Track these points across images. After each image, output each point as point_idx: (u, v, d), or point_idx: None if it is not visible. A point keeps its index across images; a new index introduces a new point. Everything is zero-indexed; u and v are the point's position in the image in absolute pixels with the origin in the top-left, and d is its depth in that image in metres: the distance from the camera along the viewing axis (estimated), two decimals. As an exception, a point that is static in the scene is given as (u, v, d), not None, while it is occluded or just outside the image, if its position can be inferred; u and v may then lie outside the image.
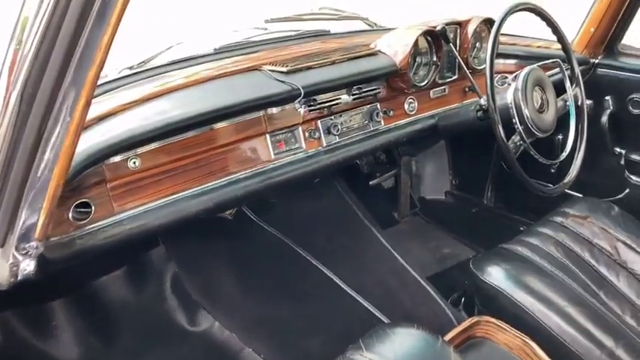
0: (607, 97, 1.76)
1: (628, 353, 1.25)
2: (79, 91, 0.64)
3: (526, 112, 1.33)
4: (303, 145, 1.27)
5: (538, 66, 1.45)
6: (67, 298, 1.46)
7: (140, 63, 1.35)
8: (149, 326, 1.51)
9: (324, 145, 1.30)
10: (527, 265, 1.45)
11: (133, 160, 1.03)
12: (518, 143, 1.34)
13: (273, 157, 1.21)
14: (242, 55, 1.39)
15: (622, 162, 1.81)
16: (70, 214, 0.96)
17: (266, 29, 1.53)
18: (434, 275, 1.92)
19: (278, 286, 1.55)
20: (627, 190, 1.81)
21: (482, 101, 1.43)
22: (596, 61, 1.77)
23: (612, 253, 1.57)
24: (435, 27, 1.46)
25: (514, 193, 2.21)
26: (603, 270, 1.52)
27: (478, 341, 1.38)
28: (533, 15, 1.45)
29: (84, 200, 0.98)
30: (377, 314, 1.49)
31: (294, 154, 1.25)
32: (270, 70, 1.24)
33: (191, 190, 1.09)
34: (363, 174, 1.94)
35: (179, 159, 1.08)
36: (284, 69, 1.23)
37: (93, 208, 0.98)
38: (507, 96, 1.32)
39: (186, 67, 1.31)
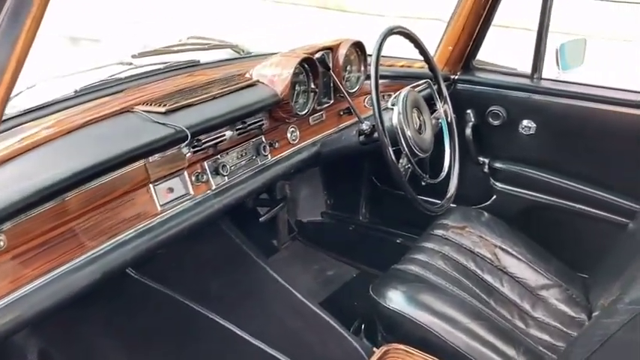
0: (468, 111, 1.87)
1: (527, 357, 1.31)
2: None
3: (409, 133, 1.34)
4: (191, 190, 1.14)
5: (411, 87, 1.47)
6: None
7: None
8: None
9: (214, 187, 1.19)
10: (424, 285, 1.47)
11: None
12: (406, 166, 1.35)
13: (159, 209, 1.07)
14: (108, 95, 1.21)
15: (486, 170, 1.92)
16: None
17: (131, 64, 1.36)
18: (324, 301, 1.88)
19: (172, 351, 1.39)
20: (494, 197, 1.93)
21: (364, 126, 1.43)
22: (456, 77, 1.87)
23: (493, 260, 1.65)
24: (311, 54, 1.42)
25: (387, 207, 2.26)
26: (488, 278, 1.59)
27: (388, 370, 1.35)
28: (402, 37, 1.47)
29: None
30: (285, 360, 1.41)
31: (182, 202, 1.11)
32: (145, 112, 1.09)
33: (71, 263, 0.91)
34: (245, 208, 1.84)
35: (53, 228, 0.90)
36: (162, 109, 1.09)
37: None
38: (393, 119, 1.32)
39: (44, 116, 1.11)
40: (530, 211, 1.88)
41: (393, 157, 1.27)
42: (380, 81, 1.79)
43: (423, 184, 1.40)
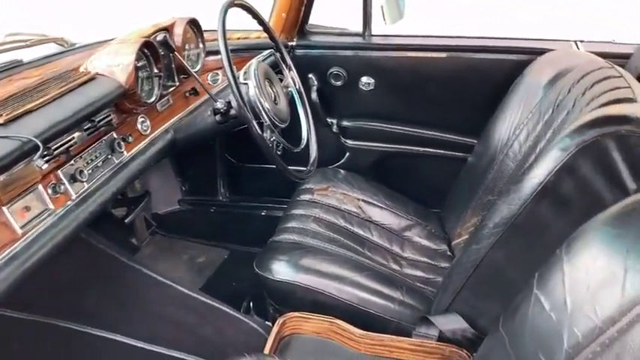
0: (310, 75, 1.90)
1: (410, 296, 1.42)
2: None
3: (267, 105, 1.34)
4: (50, 204, 1.01)
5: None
6: None
7: None
8: None
9: (74, 197, 1.07)
10: (304, 250, 1.50)
11: None
12: (271, 138, 1.34)
13: (20, 232, 0.94)
14: None
15: (335, 130, 2.00)
16: None
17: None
18: (203, 289, 1.83)
19: None
20: (347, 154, 2.02)
21: (219, 104, 1.38)
22: (294, 43, 1.89)
23: (359, 213, 1.74)
24: (148, 37, 1.33)
25: (246, 183, 2.25)
26: (358, 230, 1.67)
27: (287, 340, 1.38)
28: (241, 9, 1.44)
29: None
30: (188, 358, 1.34)
31: (44, 219, 0.99)
32: None
33: None
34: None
35: None
36: (-1, 120, 0.94)
37: None
38: (249, 93, 1.30)
39: None
40: (381, 161, 2.00)
41: (260, 132, 1.25)
42: (219, 56, 1.76)
43: (295, 150, 1.41)
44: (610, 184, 0.95)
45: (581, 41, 1.75)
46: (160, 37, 1.36)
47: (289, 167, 1.37)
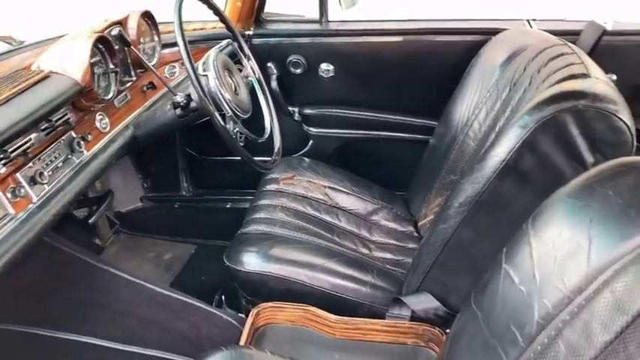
0: (269, 64, 1.89)
1: (381, 278, 1.44)
2: None
3: (227, 96, 1.32)
4: (10, 209, 0.98)
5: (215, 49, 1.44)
6: None
7: None
8: None
9: (35, 200, 1.04)
10: (274, 240, 1.50)
11: None
12: (235, 129, 1.33)
13: (-19, 240, 0.91)
14: None
15: (297, 118, 1.99)
16: None
17: None
18: (172, 286, 1.81)
19: None
20: (311, 142, 2.02)
21: (179, 98, 1.36)
22: (250, 32, 1.87)
23: (326, 200, 1.75)
24: (102, 32, 1.29)
25: (208, 176, 2.23)
26: (326, 217, 1.68)
27: (262, 330, 1.39)
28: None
29: None
30: (166, 356, 1.33)
31: (5, 225, 0.96)
32: None
33: None
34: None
35: None
36: (-51, 125, 0.90)
37: None
38: (210, 84, 1.28)
39: None
40: (345, 147, 2.01)
41: (223, 123, 1.24)
42: (176, 48, 1.72)
43: (259, 140, 1.41)
44: (569, 158, 0.99)
45: (534, 20, 1.79)
46: (114, 31, 1.33)
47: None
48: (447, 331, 1.26)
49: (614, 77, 1.51)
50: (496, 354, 0.72)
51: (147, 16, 1.54)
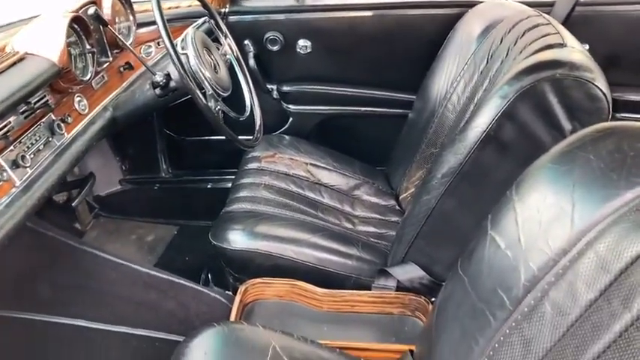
0: (246, 42, 1.87)
1: (366, 251, 1.46)
2: None
3: (207, 74, 1.31)
4: (-6, 194, 0.97)
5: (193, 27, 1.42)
6: None
7: None
8: None
9: (18, 183, 1.03)
10: (258, 217, 1.51)
11: None
12: (216, 108, 1.33)
13: (-35, 226, 0.90)
14: None
15: (276, 96, 1.99)
16: None
17: None
18: (158, 266, 1.82)
19: None
20: (291, 119, 2.01)
21: (158, 77, 1.35)
22: (226, 10, 1.84)
23: (308, 177, 1.76)
24: (77, 11, 1.27)
25: (188, 156, 2.22)
26: (309, 194, 1.69)
27: (251, 306, 1.40)
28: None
29: None
30: (157, 335, 1.34)
31: (-10, 209, 0.95)
32: None
33: None
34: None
35: None
36: None
37: None
38: (190, 62, 1.27)
39: None
40: (325, 123, 2.01)
41: (205, 102, 1.23)
42: (152, 27, 1.70)
43: (241, 118, 1.41)
44: (548, 127, 1.01)
45: (508, -9, 1.81)
46: (90, 10, 1.30)
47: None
48: (433, 299, 1.30)
49: (587, 47, 1.54)
50: (484, 317, 0.74)
51: (121, -5, 1.51)
